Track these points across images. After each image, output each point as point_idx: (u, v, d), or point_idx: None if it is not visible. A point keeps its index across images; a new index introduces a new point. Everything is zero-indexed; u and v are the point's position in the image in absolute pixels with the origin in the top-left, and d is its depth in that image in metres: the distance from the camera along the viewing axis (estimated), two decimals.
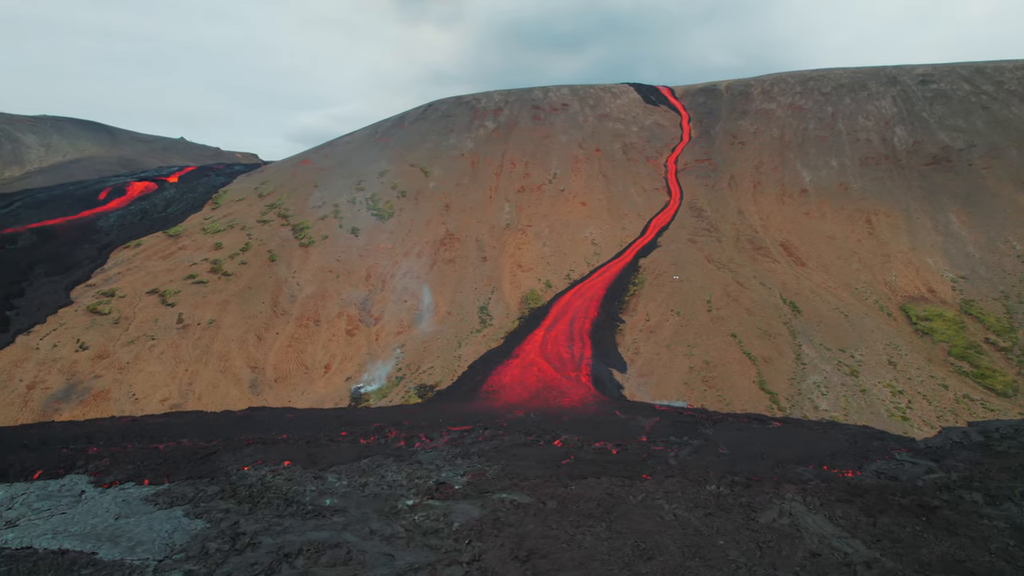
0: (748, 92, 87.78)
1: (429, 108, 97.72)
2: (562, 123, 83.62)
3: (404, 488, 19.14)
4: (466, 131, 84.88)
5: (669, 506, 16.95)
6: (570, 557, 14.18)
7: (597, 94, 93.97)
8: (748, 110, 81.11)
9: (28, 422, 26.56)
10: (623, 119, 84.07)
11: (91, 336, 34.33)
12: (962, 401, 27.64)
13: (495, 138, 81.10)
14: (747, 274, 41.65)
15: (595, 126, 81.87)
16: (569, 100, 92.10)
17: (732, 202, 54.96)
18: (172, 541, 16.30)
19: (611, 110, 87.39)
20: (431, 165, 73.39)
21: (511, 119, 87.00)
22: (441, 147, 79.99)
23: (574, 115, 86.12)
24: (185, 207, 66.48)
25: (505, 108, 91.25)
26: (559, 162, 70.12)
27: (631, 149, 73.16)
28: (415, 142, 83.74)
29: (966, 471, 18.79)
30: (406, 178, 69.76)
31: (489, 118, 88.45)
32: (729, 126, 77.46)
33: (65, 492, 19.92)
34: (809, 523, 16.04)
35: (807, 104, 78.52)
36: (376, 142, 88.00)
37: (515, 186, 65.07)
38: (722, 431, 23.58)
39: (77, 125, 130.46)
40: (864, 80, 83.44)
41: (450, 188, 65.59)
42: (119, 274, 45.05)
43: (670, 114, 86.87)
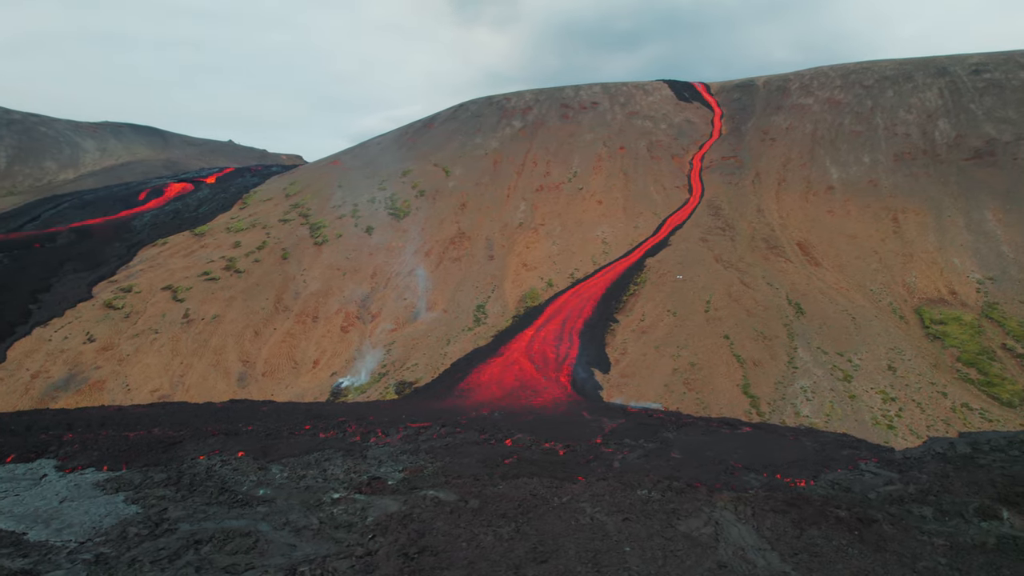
0: (786, 87, 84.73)
1: (460, 108, 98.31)
2: (590, 121, 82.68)
3: (339, 482, 19.23)
4: (493, 131, 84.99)
5: (591, 509, 16.43)
6: (461, 556, 13.90)
7: (629, 92, 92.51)
8: (783, 105, 78.26)
9: (25, 408, 27.98)
10: (652, 116, 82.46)
11: (100, 329, 35.93)
12: (959, 410, 25.76)
13: (521, 137, 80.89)
14: (755, 274, 40.10)
15: (623, 124, 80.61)
16: (600, 98, 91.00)
17: (753, 200, 53.09)
18: (100, 525, 16.74)
19: (641, 107, 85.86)
20: (453, 164, 73.80)
21: (539, 118, 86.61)
22: (466, 147, 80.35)
23: (603, 113, 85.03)
24: (215, 207, 68.91)
25: (534, 107, 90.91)
26: (581, 160, 69.34)
27: (656, 147, 71.67)
28: (442, 142, 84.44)
29: (927, 484, 17.53)
30: (427, 177, 70.38)
31: (517, 117, 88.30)
32: (761, 122, 74.91)
33: (29, 476, 20.78)
34: (732, 533, 15.26)
35: (846, 98, 75.15)
36: (405, 142, 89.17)
37: (534, 185, 64.69)
38: (685, 435, 22.80)
39: (133, 130, 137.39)
40: (911, 72, 79.29)
41: (469, 187, 65.75)
42: (141, 271, 47.01)
43: (702, 111, 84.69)
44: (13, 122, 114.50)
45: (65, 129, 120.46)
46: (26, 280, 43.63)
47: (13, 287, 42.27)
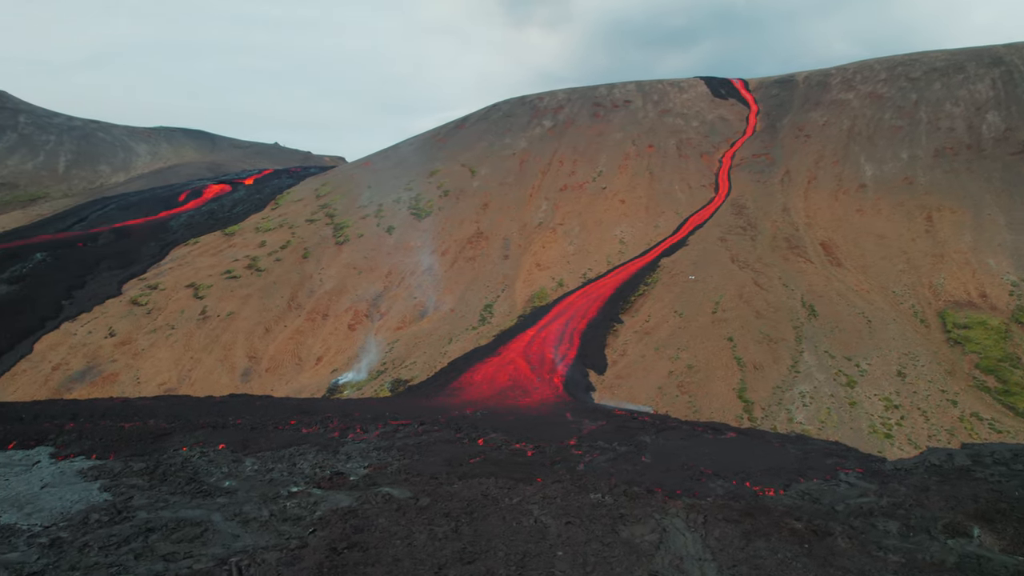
0: (827, 82, 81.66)
1: (492, 109, 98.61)
2: (620, 120, 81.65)
3: (303, 476, 19.51)
4: (522, 130, 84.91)
5: (538, 512, 16.17)
6: (390, 553, 13.88)
7: (663, 89, 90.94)
8: (822, 101, 75.44)
9: (41, 398, 29.47)
10: (684, 114, 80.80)
11: (122, 324, 37.55)
12: (967, 420, 24.14)
13: (549, 136, 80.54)
14: (772, 275, 38.75)
15: (654, 122, 79.27)
16: (633, 96, 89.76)
17: (780, 198, 51.36)
18: (69, 510, 17.39)
19: (674, 105, 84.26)
20: (480, 164, 74.06)
21: (569, 117, 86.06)
22: (495, 147, 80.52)
23: (634, 111, 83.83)
24: (249, 207, 71.14)
25: (566, 107, 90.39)
26: (608, 159, 68.54)
27: (686, 145, 70.17)
28: (471, 142, 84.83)
29: (902, 497, 16.56)
30: (453, 178, 70.85)
31: (548, 117, 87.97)
32: (798, 118, 72.40)
33: (23, 462, 21.75)
34: (676, 541, 14.77)
35: (889, 92, 71.84)
36: (435, 143, 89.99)
37: (558, 184, 64.30)
38: (663, 439, 22.23)
39: (184, 134, 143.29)
40: (963, 62, 75.20)
41: (493, 187, 65.87)
42: (169, 269, 48.93)
43: (737, 108, 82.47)
44: (74, 128, 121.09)
45: (121, 134, 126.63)
46: (64, 277, 45.99)
47: (51, 283, 44.62)
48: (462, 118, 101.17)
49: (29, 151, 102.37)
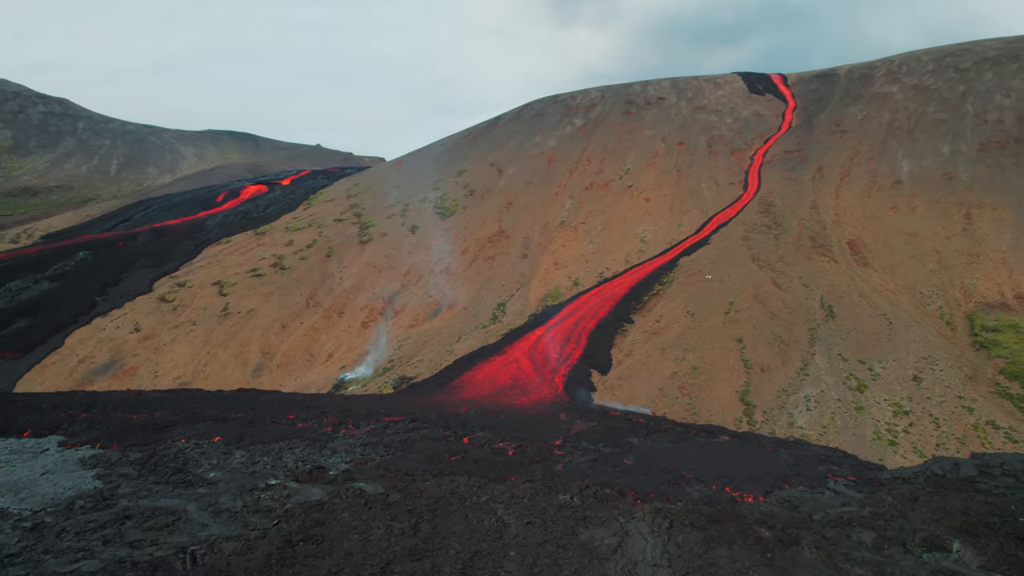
0: (870, 75, 78.52)
1: (525, 108, 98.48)
2: (652, 117, 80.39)
3: (285, 470, 19.87)
4: (553, 129, 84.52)
5: (503, 511, 16.07)
6: (343, 547, 14.01)
7: (699, 86, 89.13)
8: (863, 95, 72.56)
9: (64, 389, 30.90)
10: (718, 110, 78.97)
11: (148, 320, 39.05)
12: (981, 428, 22.71)
13: (579, 135, 79.91)
14: (792, 274, 37.47)
15: (687, 119, 77.75)
16: (667, 93, 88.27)
17: (809, 196, 49.65)
18: (59, 496, 18.15)
19: (708, 102, 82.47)
20: (508, 164, 74.04)
21: (601, 115, 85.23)
22: (524, 145, 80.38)
23: (667, 108, 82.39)
24: (282, 207, 72.94)
25: (598, 104, 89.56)
26: (636, 157, 67.57)
27: (717, 142, 68.57)
28: (501, 141, 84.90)
29: (886, 507, 15.76)
30: (480, 177, 71.07)
31: (579, 115, 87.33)
32: (836, 113, 69.83)
33: (34, 449, 22.81)
34: (635, 546, 14.45)
35: (935, 84, 68.56)
36: (466, 143, 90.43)
37: (584, 183, 63.75)
38: (651, 441, 21.78)
39: (230, 136, 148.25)
40: (1018, 51, 71.26)
41: (519, 186, 65.77)
42: (200, 267, 50.62)
43: (774, 103, 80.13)
44: (128, 133, 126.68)
45: (171, 138, 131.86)
46: (101, 275, 48.13)
47: (89, 281, 46.77)
48: (495, 118, 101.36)
49: (85, 155, 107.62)
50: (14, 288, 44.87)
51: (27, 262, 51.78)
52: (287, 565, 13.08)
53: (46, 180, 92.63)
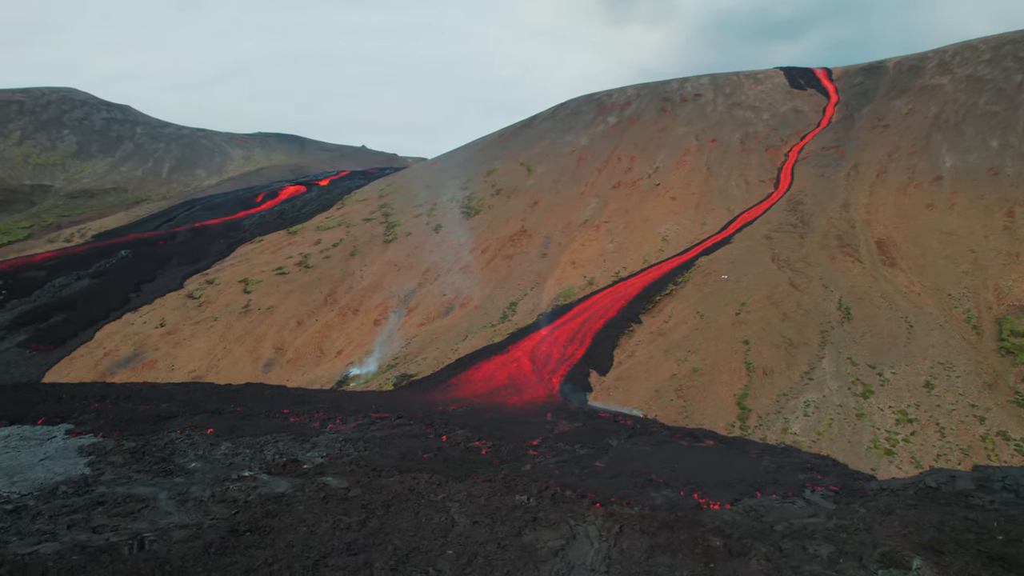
0: (920, 67, 74.72)
1: (560, 107, 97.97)
2: (687, 114, 78.66)
3: (262, 462, 20.30)
4: (585, 128, 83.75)
5: (456, 509, 16.05)
6: (286, 538, 14.26)
7: (738, 82, 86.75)
8: (910, 87, 69.11)
9: (87, 381, 32.45)
10: (756, 107, 76.65)
11: (173, 316, 40.64)
12: (990, 439, 21.15)
13: (611, 133, 78.94)
14: (812, 275, 35.98)
15: (722, 115, 75.77)
16: (704, 90, 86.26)
17: (841, 194, 47.62)
18: (48, 481, 19.06)
19: (746, 98, 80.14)
20: (538, 163, 73.76)
21: (635, 113, 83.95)
22: (556, 144, 79.92)
23: (703, 105, 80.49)
24: (317, 207, 74.65)
25: (633, 102, 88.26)
26: (667, 155, 66.27)
27: (751, 139, 66.55)
28: (534, 141, 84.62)
29: (857, 520, 14.96)
30: (509, 176, 71.05)
31: (614, 113, 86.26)
32: (879, 107, 66.75)
33: (42, 436, 23.98)
34: (578, 550, 14.18)
35: (991, 74, 64.70)
36: (500, 142, 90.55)
37: (612, 181, 62.94)
38: (631, 444, 21.36)
39: (278, 139, 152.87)
40: None
41: (546, 185, 65.45)
42: (231, 265, 52.33)
43: (815, 98, 77.21)
44: (182, 136, 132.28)
45: (221, 141, 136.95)
46: (137, 272, 50.37)
47: (125, 278, 49.01)
48: (531, 117, 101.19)
49: (141, 158, 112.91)
50: (57, 284, 47.45)
51: (74, 260, 54.68)
52: (226, 554, 13.37)
53: (103, 183, 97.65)
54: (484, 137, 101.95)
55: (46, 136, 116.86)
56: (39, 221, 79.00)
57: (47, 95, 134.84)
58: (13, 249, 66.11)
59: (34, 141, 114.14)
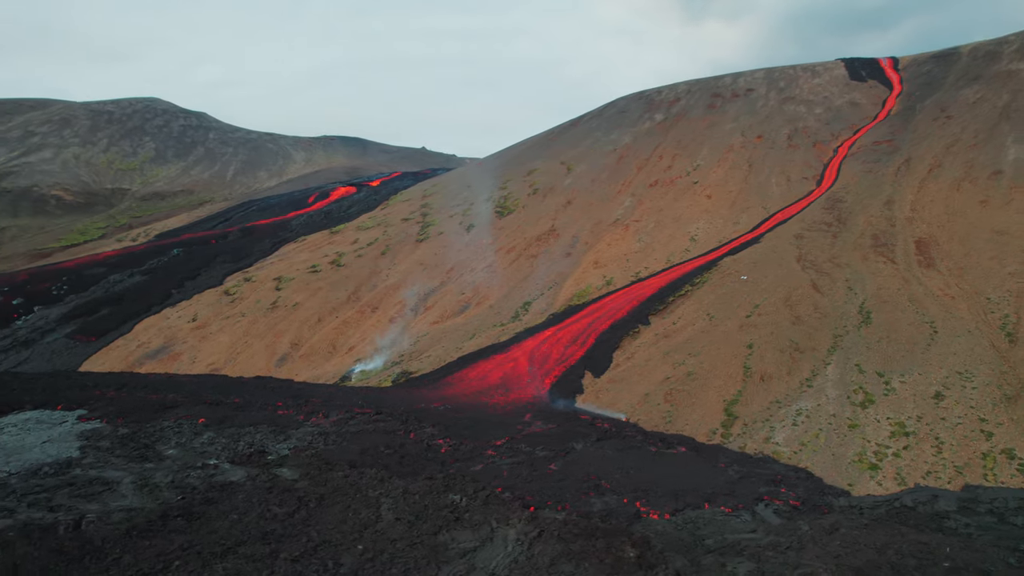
0: (998, 52, 69.07)
1: (608, 105, 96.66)
2: (736, 110, 75.91)
3: (231, 451, 21.00)
4: (631, 126, 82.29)
5: (388, 505, 16.16)
6: (211, 525, 14.78)
7: (793, 75, 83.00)
8: (983, 75, 63.93)
9: (117, 370, 34.58)
10: (809, 100, 73.03)
11: (206, 311, 42.74)
12: (992, 457, 19.06)
13: (656, 131, 77.20)
14: (838, 276, 33.90)
15: (772, 110, 72.65)
16: (757, 84, 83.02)
17: (887, 190, 44.64)
18: (38, 462, 20.39)
19: (800, 92, 76.51)
20: (579, 161, 73.00)
21: (683, 110, 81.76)
22: (599, 143, 78.90)
23: (754, 101, 77.48)
24: (363, 208, 76.74)
25: (683, 99, 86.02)
26: (709, 153, 64.12)
27: (800, 134, 63.41)
28: (578, 139, 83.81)
29: (796, 538, 14.03)
30: (548, 175, 70.68)
31: (661, 110, 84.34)
32: (944, 97, 62.10)
33: (55, 420, 25.68)
34: (489, 553, 13.99)
35: None
36: (547, 141, 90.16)
37: (650, 180, 61.51)
38: (595, 448, 20.89)
39: (341, 141, 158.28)
40: None
41: (583, 184, 64.71)
42: (271, 263, 54.56)
43: (876, 90, 72.76)
44: (250, 141, 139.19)
45: (286, 144, 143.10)
46: (184, 269, 53.27)
47: (172, 274, 51.92)
48: (580, 116, 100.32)
49: (210, 162, 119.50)
50: (111, 280, 50.88)
51: (132, 258, 58.46)
52: (146, 537, 13.96)
53: (174, 185, 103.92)
54: (533, 136, 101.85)
55: (129, 143, 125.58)
56: (113, 222, 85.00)
57: (133, 105, 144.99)
58: (86, 248, 71.49)
59: (118, 148, 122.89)
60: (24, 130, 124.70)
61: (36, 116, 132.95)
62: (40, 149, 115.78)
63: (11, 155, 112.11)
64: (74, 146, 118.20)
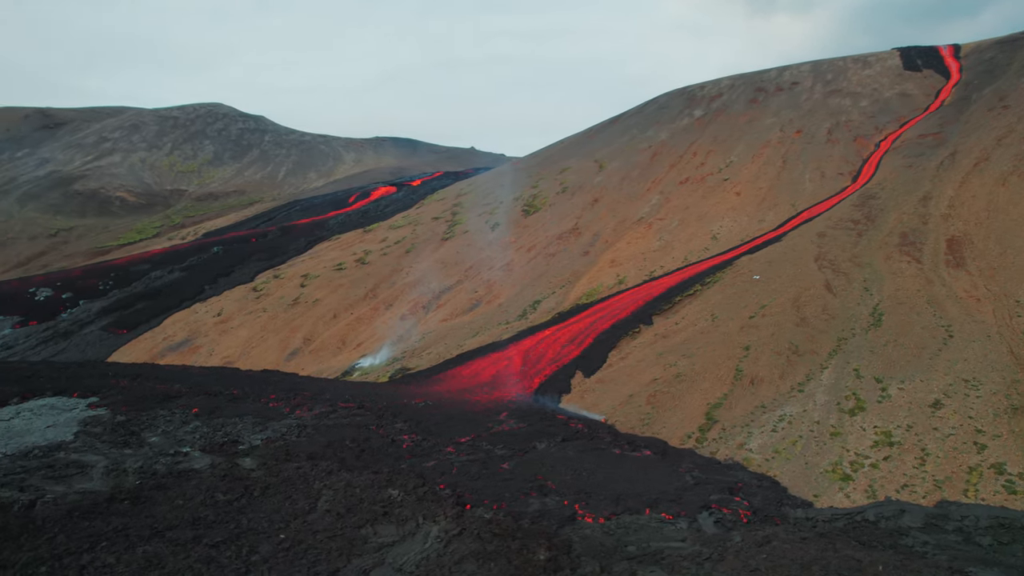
0: None
1: (650, 102, 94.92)
2: (777, 105, 73.19)
3: (206, 440, 21.76)
4: (669, 122, 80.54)
5: (327, 497, 16.44)
6: (151, 510, 15.46)
7: (842, 67, 79.37)
8: None
9: (140, 361, 36.43)
10: (856, 93, 69.59)
11: (231, 306, 44.48)
12: (979, 471, 17.43)
13: (694, 128, 75.29)
14: (856, 276, 32.16)
15: (816, 104, 69.66)
16: (803, 78, 79.83)
17: (925, 185, 42.03)
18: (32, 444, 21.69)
19: (848, 84, 73.04)
20: (612, 159, 72.00)
21: (724, 105, 79.44)
22: (634, 140, 77.60)
23: (797, 94, 74.50)
24: (399, 207, 78.08)
25: (725, 94, 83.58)
26: (744, 149, 62.03)
27: (841, 128, 60.48)
28: (615, 137, 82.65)
29: (723, 550, 13.47)
30: (580, 174, 70.04)
31: (701, 106, 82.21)
32: (1004, 85, 57.92)
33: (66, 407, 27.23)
34: (405, 548, 14.16)
35: None
36: (585, 139, 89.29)
37: (681, 177, 60.05)
38: (555, 448, 20.68)
39: (392, 142, 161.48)
40: None
41: (613, 182, 63.80)
42: (302, 261, 56.28)
43: (931, 80, 68.61)
44: (304, 142, 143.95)
45: (338, 145, 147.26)
46: (219, 266, 55.55)
47: (208, 271, 54.22)
48: (622, 113, 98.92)
49: (263, 164, 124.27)
50: (152, 276, 53.64)
51: (176, 256, 61.45)
52: (84, 518, 14.69)
53: (227, 186, 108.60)
54: (574, 135, 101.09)
55: (190, 146, 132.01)
56: (169, 221, 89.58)
57: (196, 110, 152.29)
58: (139, 246, 75.63)
59: (181, 151, 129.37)
60: (99, 136, 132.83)
61: (111, 123, 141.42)
62: (111, 153, 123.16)
63: (86, 159, 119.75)
64: (141, 150, 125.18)
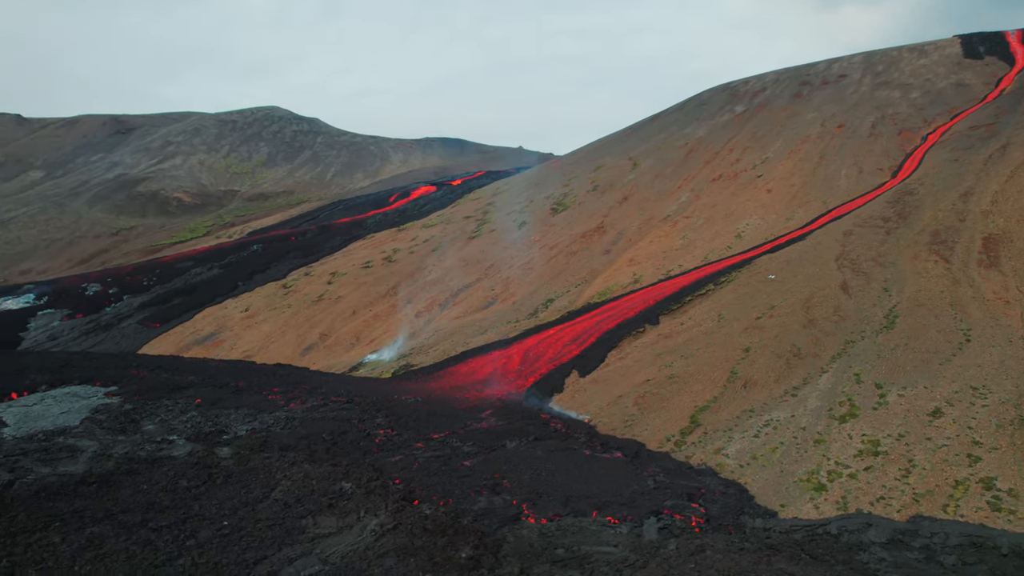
0: None
1: (692, 98, 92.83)
2: (821, 99, 70.23)
3: (195, 429, 22.61)
4: (708, 118, 78.50)
5: (283, 487, 16.84)
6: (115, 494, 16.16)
7: (896, 57, 75.47)
8: None
9: (166, 354, 38.19)
10: (907, 84, 65.92)
11: (258, 302, 46.08)
12: (965, 485, 16.02)
13: (734, 123, 73.12)
14: (877, 277, 30.48)
15: (862, 97, 66.48)
16: (852, 70, 76.38)
17: (968, 180, 39.46)
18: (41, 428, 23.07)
19: (899, 75, 69.34)
20: (647, 157, 70.75)
21: (766, 100, 76.88)
22: (672, 137, 75.97)
23: (843, 87, 71.28)
24: (435, 206, 79.06)
25: (768, 88, 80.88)
26: (782, 144, 59.78)
27: (886, 122, 57.42)
28: (652, 134, 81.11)
29: (656, 558, 13.12)
30: (613, 172, 69.13)
31: (743, 101, 79.81)
32: None
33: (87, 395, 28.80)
34: (335, 541, 14.56)
35: None
36: (623, 137, 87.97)
37: (714, 174, 58.39)
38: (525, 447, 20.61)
39: (442, 143, 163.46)
40: None
41: (645, 180, 62.68)
42: (335, 259, 57.79)
43: (992, 68, 64.34)
44: (354, 144, 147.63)
45: (387, 146, 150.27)
46: (255, 264, 57.60)
47: (245, 268, 56.31)
48: (663, 110, 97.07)
49: (313, 164, 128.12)
50: (192, 273, 56.16)
51: (218, 253, 64.12)
52: (48, 499, 15.56)
53: (277, 187, 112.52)
54: (614, 133, 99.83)
55: (246, 149, 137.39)
56: (220, 220, 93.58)
57: (254, 114, 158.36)
58: (190, 244, 79.31)
59: (237, 153, 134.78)
60: (164, 140, 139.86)
61: (176, 127, 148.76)
62: (173, 156, 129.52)
63: (151, 163, 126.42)
64: (200, 153, 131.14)
